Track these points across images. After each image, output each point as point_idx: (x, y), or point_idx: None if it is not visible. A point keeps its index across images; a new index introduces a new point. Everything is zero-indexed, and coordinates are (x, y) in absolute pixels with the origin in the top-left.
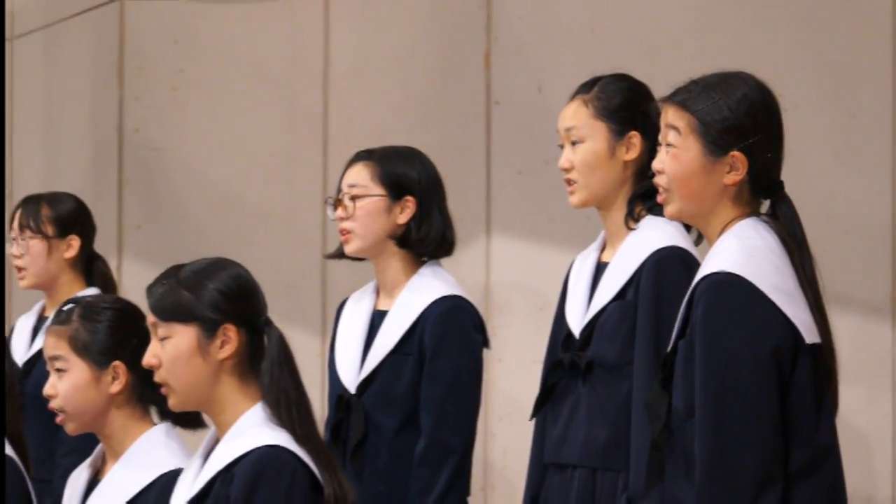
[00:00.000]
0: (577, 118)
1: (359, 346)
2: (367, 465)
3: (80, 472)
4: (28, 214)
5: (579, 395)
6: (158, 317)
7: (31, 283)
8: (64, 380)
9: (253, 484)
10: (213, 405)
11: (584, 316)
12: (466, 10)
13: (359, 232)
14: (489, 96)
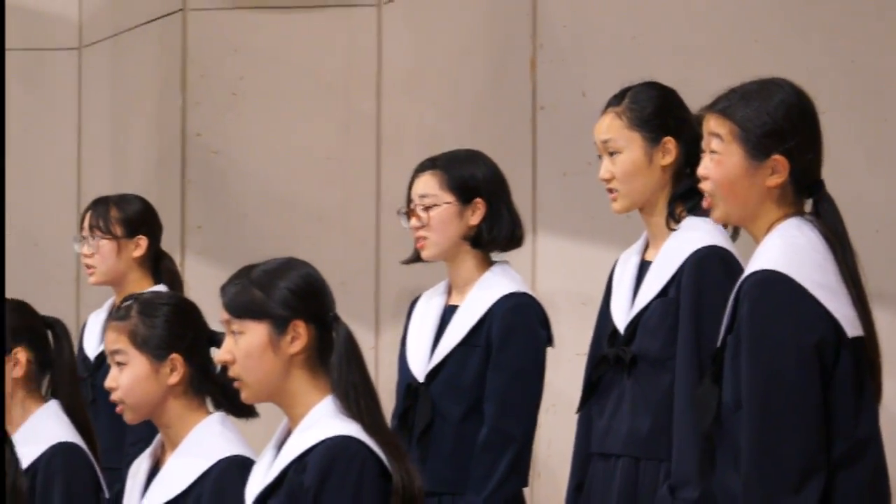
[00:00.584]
0: (611, 130)
1: (429, 338)
2: (431, 451)
3: (142, 462)
4: (98, 216)
5: (624, 388)
6: (232, 314)
7: (99, 281)
8: (124, 372)
9: (325, 472)
10: (285, 398)
11: (628, 313)
12: (513, 19)
13: (434, 239)
14: (535, 101)
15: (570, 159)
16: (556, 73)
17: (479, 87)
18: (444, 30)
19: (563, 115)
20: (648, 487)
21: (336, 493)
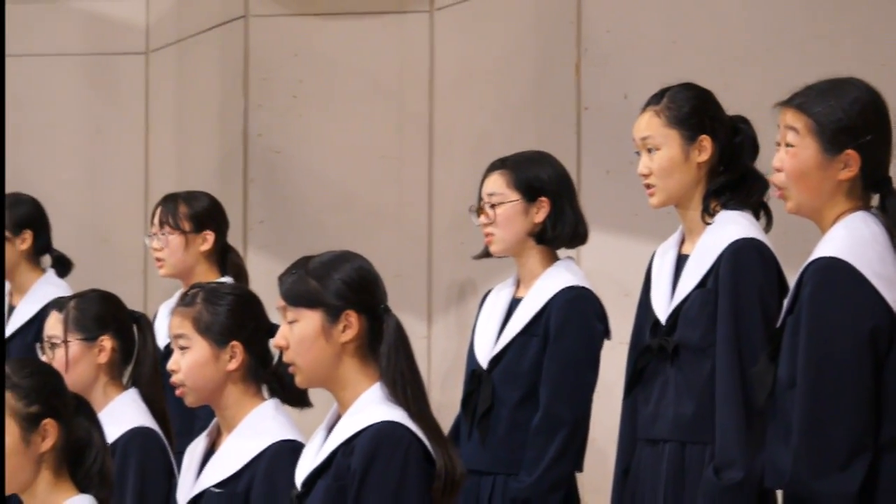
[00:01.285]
0: (650, 128)
1: (495, 328)
2: (490, 433)
3: (198, 443)
4: (167, 212)
5: (668, 375)
6: (288, 302)
7: (168, 273)
8: (186, 356)
9: (371, 456)
10: (336, 383)
11: (669, 304)
12: (559, 24)
13: (501, 235)
14: (579, 103)
15: (612, 158)
16: (600, 76)
17: (527, 90)
18: (493, 35)
19: (606, 115)
20: (695, 470)
21: (381, 476)
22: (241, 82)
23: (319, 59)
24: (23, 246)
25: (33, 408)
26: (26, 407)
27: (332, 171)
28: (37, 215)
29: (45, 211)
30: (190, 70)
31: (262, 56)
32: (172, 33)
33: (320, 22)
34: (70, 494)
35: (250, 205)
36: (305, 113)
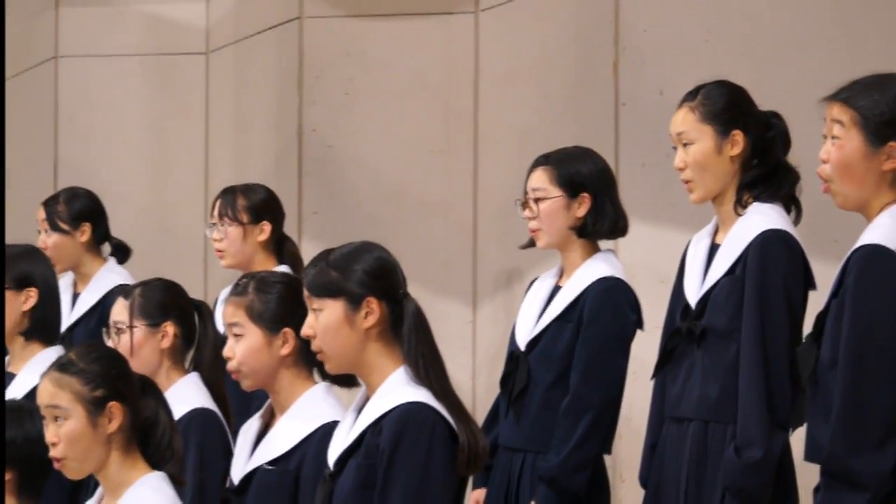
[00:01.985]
0: (685, 123)
1: (536, 313)
2: (524, 412)
3: (252, 423)
4: (226, 204)
5: (695, 358)
6: (312, 293)
7: (229, 264)
8: (241, 343)
9: (399, 434)
10: (363, 368)
11: (699, 290)
12: (597, 24)
13: (545, 229)
14: (617, 99)
15: (649, 151)
16: (636, 73)
17: (567, 87)
18: (535, 35)
19: (642, 111)
20: (717, 448)
21: (409, 453)
22: (295, 80)
23: (370, 58)
24: (82, 238)
25: (98, 391)
26: (92, 391)
27: (382, 164)
28: (93, 207)
29: (101, 202)
30: (247, 69)
31: (316, 55)
32: (231, 34)
33: (371, 23)
34: (143, 472)
35: (305, 197)
36: (357, 109)
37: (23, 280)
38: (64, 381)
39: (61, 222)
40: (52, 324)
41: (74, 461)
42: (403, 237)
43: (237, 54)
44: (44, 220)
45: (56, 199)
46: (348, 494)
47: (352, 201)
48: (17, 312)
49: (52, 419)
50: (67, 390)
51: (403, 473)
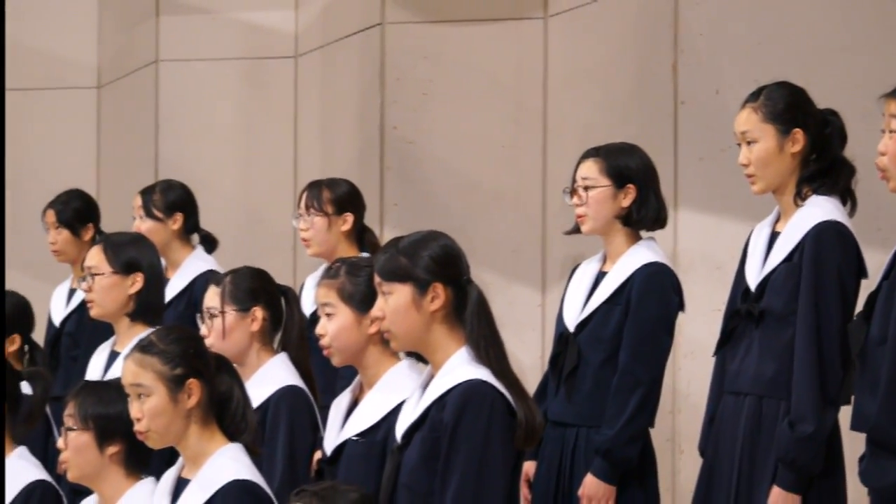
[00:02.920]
0: (749, 123)
1: (583, 296)
2: (575, 390)
3: (343, 398)
4: (312, 196)
5: (753, 338)
6: (382, 278)
7: (315, 252)
8: (332, 322)
9: (461, 410)
10: (428, 347)
11: (759, 274)
12: (657, 29)
13: (591, 215)
14: (676, 97)
15: (705, 146)
16: (694, 74)
17: (629, 86)
18: (600, 39)
19: (699, 109)
20: (770, 421)
21: (470, 428)
22: (378, 82)
23: (447, 60)
24: (174, 226)
25: (178, 370)
26: (172, 370)
27: (457, 159)
28: (186, 199)
29: (193, 195)
30: (333, 71)
31: (396, 59)
32: (318, 39)
33: (447, 28)
34: (220, 443)
35: (386, 190)
36: (434, 108)
37: (130, 265)
38: (146, 362)
39: (156, 210)
40: (155, 306)
41: (156, 434)
42: (477, 227)
43: (324, 58)
44: (140, 207)
45: (153, 189)
46: (414, 465)
47: (429, 193)
48: (124, 295)
49: (135, 396)
50: (149, 370)
51: (465, 446)
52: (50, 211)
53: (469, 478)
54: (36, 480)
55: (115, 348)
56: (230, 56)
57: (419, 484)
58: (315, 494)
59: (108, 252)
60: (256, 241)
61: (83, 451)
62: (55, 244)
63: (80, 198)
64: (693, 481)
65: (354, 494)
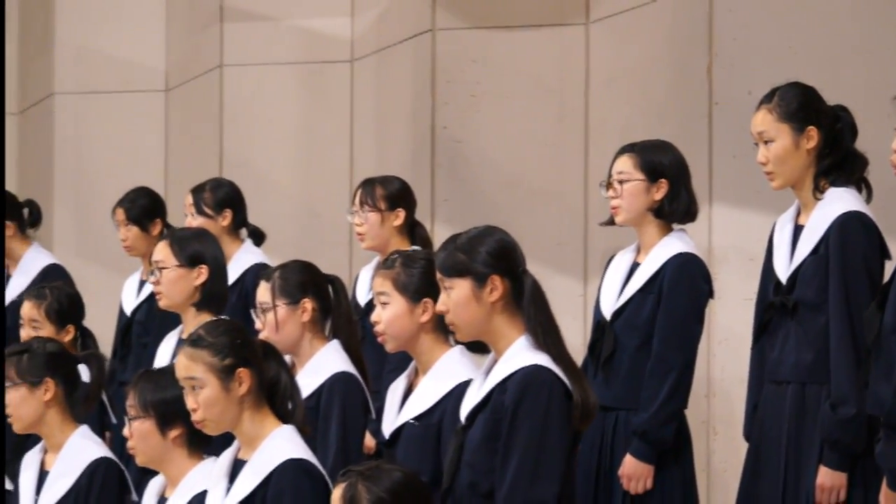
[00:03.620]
0: (765, 123)
1: (618, 286)
2: (613, 375)
3: (399, 383)
4: (366, 193)
5: (788, 328)
6: (442, 274)
7: (368, 246)
8: (386, 310)
9: (521, 393)
10: (490, 336)
11: (788, 268)
12: (693, 34)
13: (624, 207)
14: (711, 98)
15: (738, 145)
16: (728, 76)
17: (667, 88)
18: (639, 43)
19: (733, 109)
20: (814, 406)
21: (530, 409)
22: (428, 84)
23: (494, 64)
24: (224, 222)
25: (227, 361)
26: (221, 361)
27: (504, 157)
28: (235, 196)
29: (241, 192)
30: (387, 75)
31: (446, 62)
32: (372, 45)
33: (494, 34)
34: (273, 426)
35: (437, 186)
36: (482, 109)
37: (195, 258)
38: (196, 355)
39: (206, 207)
40: (220, 296)
41: (212, 422)
42: (522, 221)
43: (378, 62)
44: (191, 204)
45: (203, 187)
46: (477, 444)
47: (477, 190)
48: (190, 287)
49: (190, 389)
50: (200, 362)
51: (525, 427)
52: (119, 209)
53: (528, 457)
54: (99, 458)
55: (183, 336)
56: (290, 61)
57: (481, 462)
58: (360, 474)
59: (174, 247)
60: (314, 235)
61: (147, 437)
62: (126, 240)
63: (147, 195)
64: (726, 461)
65: (398, 474)
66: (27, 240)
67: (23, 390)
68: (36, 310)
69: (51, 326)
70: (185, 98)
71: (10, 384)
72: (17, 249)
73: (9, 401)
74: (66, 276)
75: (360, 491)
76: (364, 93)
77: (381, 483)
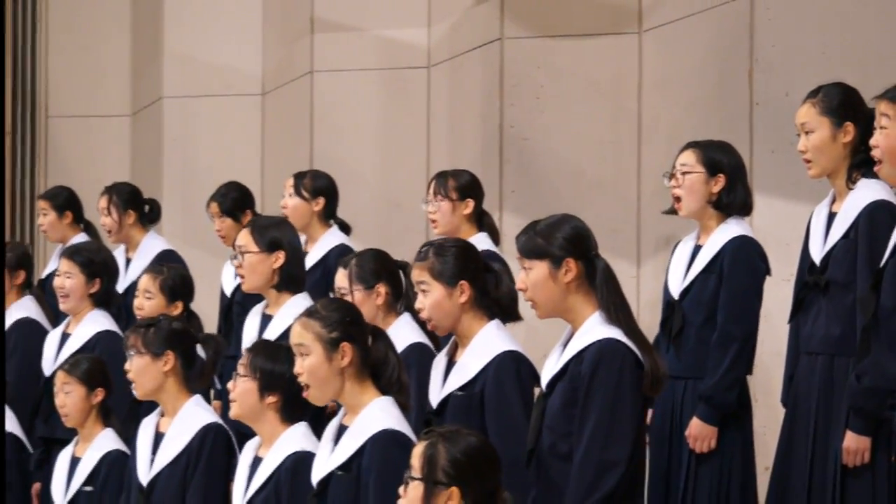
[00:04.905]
0: (807, 116)
1: (683, 268)
2: (681, 347)
3: (441, 358)
4: (439, 185)
5: (820, 305)
6: (522, 255)
7: (441, 232)
8: (428, 298)
9: (596, 363)
10: (567, 313)
11: (822, 250)
12: (735, 41)
13: (686, 200)
14: (752, 99)
15: (777, 141)
16: (767, 79)
17: (712, 90)
18: (686, 49)
19: (772, 109)
20: (842, 376)
21: (604, 378)
22: (497, 88)
23: (556, 69)
24: (316, 208)
25: (334, 334)
26: (329, 333)
27: (565, 152)
28: (330, 187)
29: (336, 186)
30: (460, 79)
31: (513, 68)
32: (446, 52)
33: (556, 42)
34: (374, 396)
35: (505, 178)
36: (546, 110)
37: (273, 244)
38: (308, 325)
39: (304, 191)
40: (297, 278)
41: (315, 389)
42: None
43: (452, 68)
44: (291, 186)
45: (305, 174)
46: (557, 410)
47: (542, 182)
48: (269, 270)
49: (299, 355)
50: (310, 332)
51: (599, 394)
52: (213, 203)
53: (602, 421)
54: (210, 423)
55: (268, 312)
56: (373, 67)
57: (560, 427)
58: (441, 435)
59: (254, 234)
60: (394, 223)
61: (247, 395)
62: (220, 230)
63: (237, 189)
64: (766, 426)
65: (474, 439)
66: (145, 228)
67: (146, 359)
68: (152, 282)
69: (162, 299)
70: (279, 101)
71: (135, 353)
72: (136, 236)
73: (132, 367)
74: (180, 260)
75: (439, 450)
76: (439, 95)
77: (458, 445)
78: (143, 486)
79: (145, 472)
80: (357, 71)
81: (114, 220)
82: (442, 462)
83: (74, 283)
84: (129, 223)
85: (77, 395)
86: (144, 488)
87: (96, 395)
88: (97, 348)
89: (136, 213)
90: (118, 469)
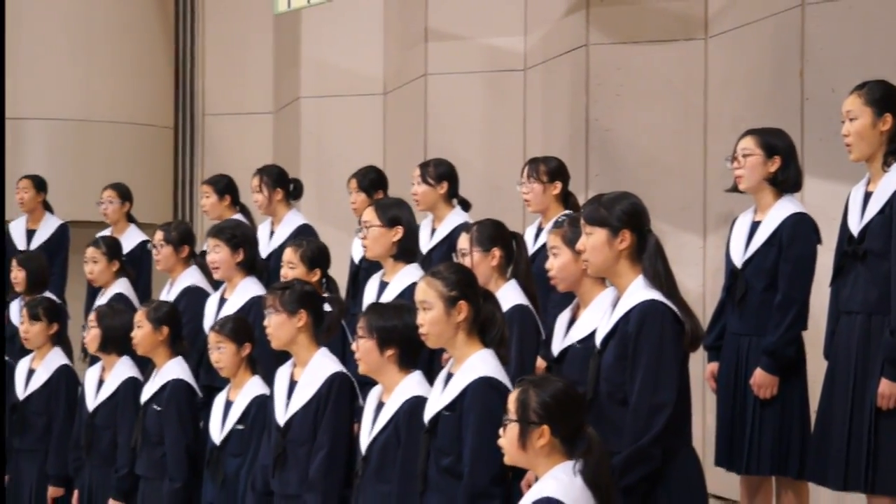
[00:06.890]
0: (853, 105)
1: (744, 240)
2: (746, 309)
3: (564, 315)
4: (532, 169)
5: (858, 271)
6: (586, 221)
7: (534, 210)
8: (557, 259)
9: (641, 322)
10: (615, 277)
11: (859, 223)
12: (788, 44)
13: (746, 176)
14: (802, 95)
15: (824, 131)
16: (816, 77)
17: (767, 87)
18: (746, 52)
19: (820, 103)
20: (878, 332)
21: (648, 336)
22: (583, 86)
23: (633, 70)
24: (441, 191)
25: (453, 292)
26: (448, 291)
27: (642, 141)
28: (452, 173)
29: (456, 170)
30: (551, 80)
31: (597, 69)
32: (541, 56)
33: (633, 47)
34: (478, 348)
35: (590, 164)
36: (626, 105)
37: (393, 220)
38: (432, 283)
39: (429, 178)
40: (411, 250)
41: (433, 336)
42: (656, 191)
43: (544, 70)
44: (418, 175)
45: (429, 163)
46: (610, 364)
47: (621, 167)
48: (389, 242)
49: (422, 309)
50: (433, 289)
51: (646, 348)
52: (353, 180)
53: (650, 371)
54: (336, 372)
55: (385, 279)
56: (477, 70)
57: (614, 377)
58: (531, 382)
59: (377, 210)
60: (496, 203)
61: (369, 352)
62: (355, 204)
63: (375, 171)
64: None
65: (560, 384)
66: (289, 205)
67: (283, 316)
68: (294, 254)
69: (303, 268)
70: (397, 100)
71: (273, 311)
72: (281, 211)
73: (270, 323)
74: (315, 233)
75: (530, 395)
76: (534, 94)
77: (546, 390)
78: (281, 426)
79: (282, 414)
80: (464, 74)
81: (265, 197)
82: (533, 405)
83: (222, 255)
84: (277, 199)
85: (229, 351)
86: (282, 428)
87: (244, 348)
88: (251, 312)
89: (283, 191)
90: (264, 411)
